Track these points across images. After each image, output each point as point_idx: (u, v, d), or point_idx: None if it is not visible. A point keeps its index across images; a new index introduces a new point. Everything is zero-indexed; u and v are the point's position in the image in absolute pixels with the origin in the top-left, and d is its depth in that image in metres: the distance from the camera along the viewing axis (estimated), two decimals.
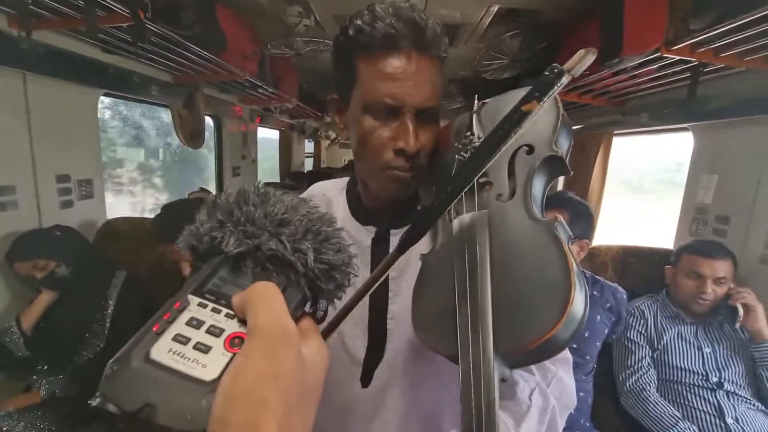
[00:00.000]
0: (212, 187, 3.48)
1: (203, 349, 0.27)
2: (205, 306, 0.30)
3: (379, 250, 0.67)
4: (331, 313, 0.53)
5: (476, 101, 0.60)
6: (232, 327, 0.29)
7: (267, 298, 0.29)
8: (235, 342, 0.28)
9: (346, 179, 0.77)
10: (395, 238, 0.67)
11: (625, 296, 1.51)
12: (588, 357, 1.45)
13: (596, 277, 1.56)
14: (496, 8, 2.20)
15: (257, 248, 0.32)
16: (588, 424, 1.43)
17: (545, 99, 0.39)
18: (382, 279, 0.53)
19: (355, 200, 0.72)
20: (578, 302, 0.38)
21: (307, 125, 5.65)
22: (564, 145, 0.51)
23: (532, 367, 0.60)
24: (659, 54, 1.48)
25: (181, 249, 0.35)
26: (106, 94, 2.03)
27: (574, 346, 1.43)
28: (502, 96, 0.59)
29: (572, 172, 0.51)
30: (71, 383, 1.37)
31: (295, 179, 4.64)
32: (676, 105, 2.09)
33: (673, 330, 1.50)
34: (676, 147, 2.78)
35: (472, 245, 0.46)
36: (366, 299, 0.67)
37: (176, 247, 1.16)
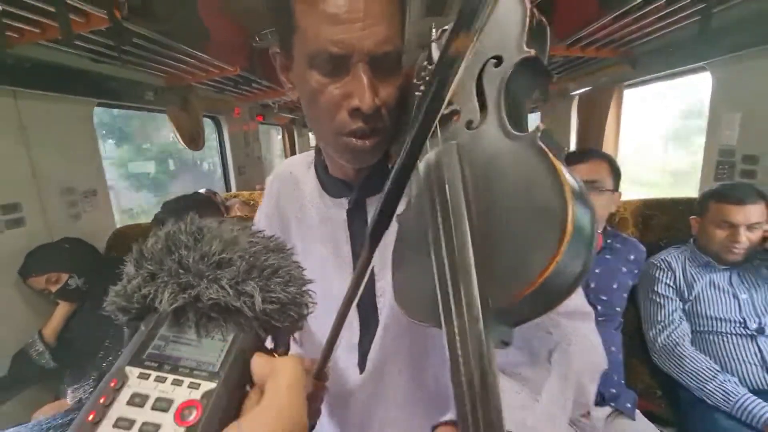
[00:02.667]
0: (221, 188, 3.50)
1: (151, 430, 0.24)
2: (146, 377, 0.26)
3: (356, 222, 0.61)
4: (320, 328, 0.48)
5: (433, 29, 0.48)
6: (181, 396, 0.25)
7: (294, 384, 0.27)
8: (185, 413, 0.25)
9: (314, 151, 0.69)
10: (373, 205, 0.59)
11: (645, 251, 1.46)
12: (618, 308, 1.40)
13: (616, 231, 1.49)
14: None
15: (196, 299, 0.29)
16: (622, 381, 1.37)
17: (476, 25, 0.31)
18: (364, 281, 0.46)
19: (323, 172, 0.64)
20: (581, 219, 0.30)
21: None
22: (537, 46, 0.40)
23: (548, 326, 0.53)
24: None
25: (110, 313, 0.31)
26: (100, 104, 2.02)
27: (604, 298, 1.37)
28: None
29: (555, 78, 0.41)
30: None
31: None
32: (688, 43, 1.95)
33: (705, 278, 1.41)
34: (694, 91, 2.62)
35: (442, 185, 0.38)
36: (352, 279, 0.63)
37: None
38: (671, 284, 1.44)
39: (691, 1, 1.59)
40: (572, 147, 3.30)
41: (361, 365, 0.62)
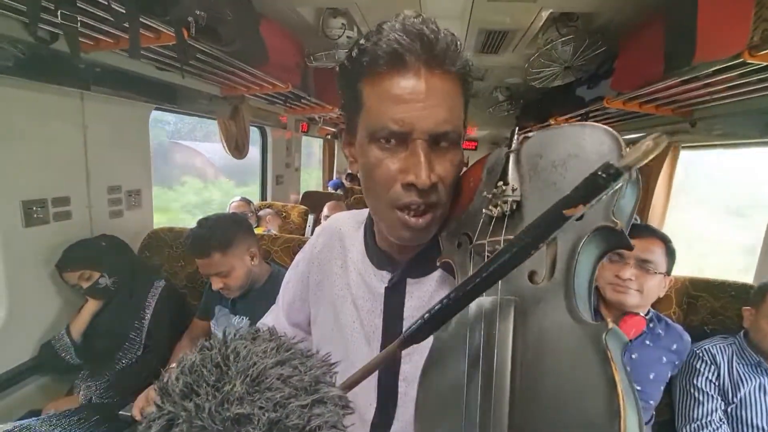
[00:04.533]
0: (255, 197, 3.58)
1: None
2: None
3: (393, 301, 0.60)
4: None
5: (515, 135, 0.48)
6: None
7: None
8: None
9: (366, 211, 0.69)
10: (413, 287, 0.59)
11: (690, 342, 1.33)
12: (651, 402, 1.28)
13: (660, 314, 1.37)
14: (547, 13, 2.05)
15: None
16: None
17: (592, 203, 0.30)
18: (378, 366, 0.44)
19: (370, 239, 0.65)
20: None
21: None
22: (626, 212, 0.38)
23: None
24: (741, 60, 1.28)
25: None
26: (157, 108, 2.13)
27: (638, 388, 1.26)
28: (548, 132, 0.47)
29: (633, 248, 0.38)
30: (108, 390, 1.43)
31: (352, 180, 5.43)
32: (758, 115, 1.82)
33: (754, 381, 1.27)
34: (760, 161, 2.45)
35: (490, 341, 0.36)
36: (377, 352, 0.60)
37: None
38: (713, 380, 1.31)
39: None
40: None
41: None
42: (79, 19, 1.25)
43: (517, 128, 0.51)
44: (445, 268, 0.54)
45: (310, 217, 3.12)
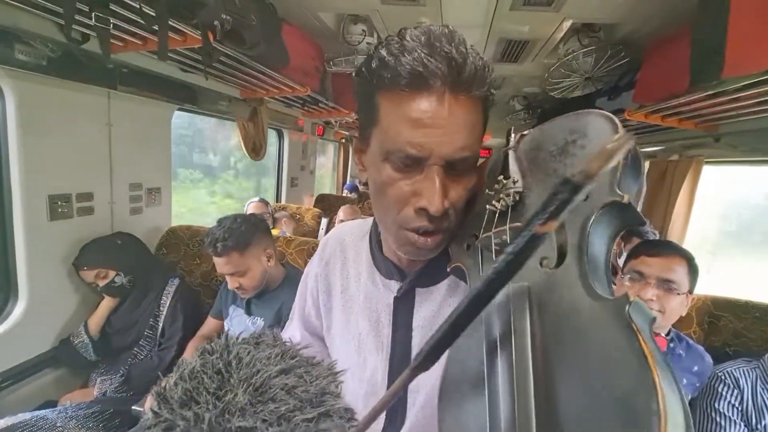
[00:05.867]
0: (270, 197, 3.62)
1: None
2: None
3: (402, 310, 0.59)
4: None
5: (512, 135, 0.48)
6: None
7: None
8: None
9: (371, 220, 0.68)
10: (422, 296, 0.59)
11: (711, 364, 1.29)
12: None
13: (681, 334, 1.33)
14: (569, 23, 2.04)
15: None
16: None
17: (562, 216, 0.28)
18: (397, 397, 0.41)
19: (377, 250, 0.64)
20: (674, 416, 0.25)
21: None
22: (632, 187, 0.37)
23: None
24: None
25: None
26: (180, 109, 2.17)
27: None
28: (542, 127, 0.46)
29: (647, 222, 0.37)
30: (123, 384, 1.45)
31: (365, 184, 5.28)
32: None
33: None
34: None
35: (506, 334, 0.34)
36: (386, 363, 0.60)
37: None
38: (736, 405, 1.27)
39: None
40: None
41: None
42: (111, 21, 1.29)
43: (512, 128, 0.51)
44: (456, 273, 0.53)
45: (324, 221, 3.14)
